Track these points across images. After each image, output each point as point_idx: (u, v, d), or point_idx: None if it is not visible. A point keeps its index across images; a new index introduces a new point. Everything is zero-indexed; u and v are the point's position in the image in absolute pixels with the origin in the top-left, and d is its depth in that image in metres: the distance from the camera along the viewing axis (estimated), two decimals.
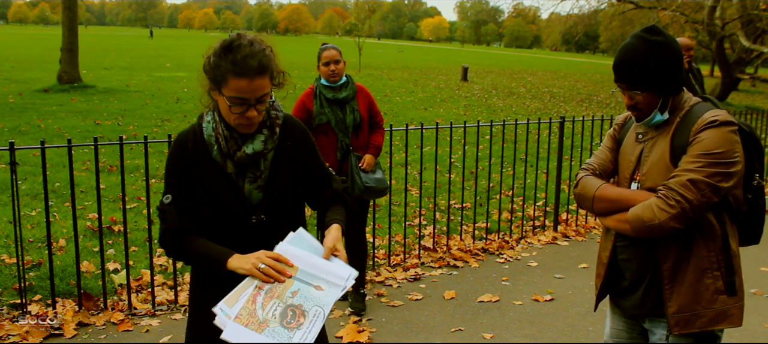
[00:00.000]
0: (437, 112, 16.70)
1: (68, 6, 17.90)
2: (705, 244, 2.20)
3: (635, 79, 2.20)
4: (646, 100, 2.22)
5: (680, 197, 2.09)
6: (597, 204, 2.34)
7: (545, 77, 35.29)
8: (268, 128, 2.08)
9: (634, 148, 2.35)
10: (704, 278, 2.20)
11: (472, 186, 7.20)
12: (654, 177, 2.22)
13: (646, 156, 2.28)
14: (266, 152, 2.06)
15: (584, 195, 2.39)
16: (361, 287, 4.52)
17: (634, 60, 2.20)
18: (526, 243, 6.03)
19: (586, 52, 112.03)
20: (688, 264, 2.21)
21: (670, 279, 2.23)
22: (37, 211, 6.34)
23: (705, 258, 2.20)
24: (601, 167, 2.45)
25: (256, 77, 1.93)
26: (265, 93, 1.97)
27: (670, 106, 2.25)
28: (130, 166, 8.28)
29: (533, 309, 4.57)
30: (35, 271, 4.75)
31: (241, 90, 1.93)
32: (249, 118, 1.98)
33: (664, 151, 2.22)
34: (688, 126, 2.18)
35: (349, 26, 41.24)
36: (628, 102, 2.26)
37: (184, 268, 4.93)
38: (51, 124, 11.87)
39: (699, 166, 2.09)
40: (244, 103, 1.95)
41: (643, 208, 2.16)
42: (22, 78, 20.32)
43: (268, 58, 1.98)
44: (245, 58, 1.93)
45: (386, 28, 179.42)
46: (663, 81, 2.20)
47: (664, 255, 2.23)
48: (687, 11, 25.01)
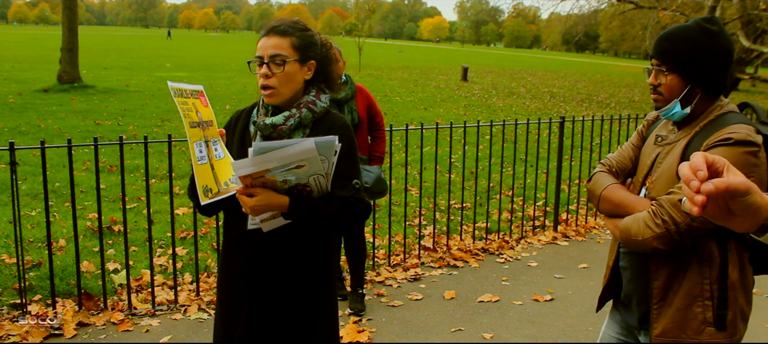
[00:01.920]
0: (437, 112, 16.70)
1: (68, 6, 17.90)
2: (699, 270, 2.02)
3: (667, 54, 2.05)
4: (671, 83, 2.06)
5: (668, 217, 1.93)
6: (602, 204, 2.23)
7: (545, 77, 35.30)
8: (297, 108, 2.11)
9: (652, 150, 2.20)
10: (693, 305, 2.03)
11: (472, 186, 7.21)
12: (660, 187, 2.06)
13: (660, 161, 2.12)
14: (285, 128, 2.08)
15: (593, 191, 2.28)
16: (360, 287, 4.51)
17: (676, 36, 2.05)
18: (526, 243, 6.03)
19: (586, 52, 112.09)
20: (680, 288, 2.05)
21: (659, 299, 2.09)
22: (37, 211, 6.34)
23: (697, 284, 2.03)
24: (620, 165, 2.32)
25: (273, 36, 2.07)
26: (278, 53, 2.06)
27: (695, 103, 2.06)
28: (130, 166, 8.28)
29: (533, 309, 4.57)
30: (35, 271, 4.75)
31: (259, 47, 2.09)
32: (263, 76, 2.06)
33: (675, 159, 2.04)
34: (706, 136, 1.99)
35: (349, 26, 41.21)
36: (651, 81, 2.11)
37: (183, 268, 4.93)
38: (51, 124, 11.87)
39: None
40: (260, 61, 2.07)
41: (633, 220, 2.03)
42: (22, 78, 20.32)
43: (295, 29, 2.10)
44: (271, 23, 2.13)
45: (386, 28, 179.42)
46: (695, 68, 2.02)
47: (656, 272, 2.09)
48: (687, 11, 25.01)
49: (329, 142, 1.85)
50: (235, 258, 2.20)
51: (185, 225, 6.06)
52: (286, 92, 2.09)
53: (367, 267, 5.07)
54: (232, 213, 2.19)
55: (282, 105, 2.12)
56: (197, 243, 4.54)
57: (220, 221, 4.42)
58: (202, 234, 5.71)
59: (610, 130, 7.23)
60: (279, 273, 2.14)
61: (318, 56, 2.17)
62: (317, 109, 2.13)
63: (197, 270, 4.54)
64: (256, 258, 2.14)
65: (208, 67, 29.19)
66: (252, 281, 2.15)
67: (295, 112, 2.10)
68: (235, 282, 2.21)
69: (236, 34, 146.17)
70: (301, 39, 2.11)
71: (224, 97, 17.27)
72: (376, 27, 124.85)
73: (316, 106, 2.13)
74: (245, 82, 22.00)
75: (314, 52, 2.15)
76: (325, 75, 2.22)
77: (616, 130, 7.33)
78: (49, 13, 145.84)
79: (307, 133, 2.12)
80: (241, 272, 2.18)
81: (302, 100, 2.13)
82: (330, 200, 2.05)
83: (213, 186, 2.01)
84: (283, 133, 2.09)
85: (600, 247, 6.01)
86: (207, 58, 35.93)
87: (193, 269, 4.77)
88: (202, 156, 2.00)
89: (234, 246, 2.20)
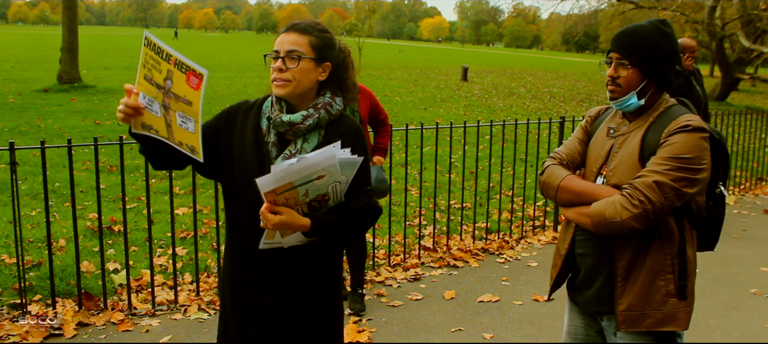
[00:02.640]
0: (437, 112, 16.70)
1: (68, 6, 17.89)
2: (662, 247, 2.21)
3: (630, 49, 2.21)
4: (630, 77, 2.22)
5: (644, 198, 2.08)
6: (561, 195, 2.33)
7: (545, 77, 35.30)
8: (314, 109, 2.11)
9: (604, 142, 2.35)
10: (657, 280, 2.21)
11: (472, 186, 7.21)
12: (620, 175, 2.22)
13: (615, 151, 2.28)
14: (302, 127, 2.08)
15: (549, 183, 2.38)
16: (360, 287, 4.52)
17: (636, 33, 2.23)
18: (526, 243, 6.03)
19: (586, 52, 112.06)
20: (643, 265, 2.22)
21: (624, 278, 2.25)
22: (37, 211, 6.34)
23: (660, 260, 2.21)
24: (569, 158, 2.44)
25: (292, 32, 2.09)
26: (295, 49, 2.07)
27: (647, 97, 2.24)
28: (130, 166, 8.27)
29: (533, 309, 4.57)
30: (35, 271, 4.75)
31: (277, 42, 2.10)
32: (277, 69, 2.06)
33: (634, 148, 2.22)
34: (661, 127, 2.19)
35: (349, 26, 41.20)
36: (611, 73, 2.25)
37: (183, 268, 4.93)
38: (51, 124, 11.87)
39: (666, 169, 2.09)
40: (276, 55, 2.08)
41: (605, 204, 2.15)
42: (22, 78, 20.33)
43: (315, 29, 2.12)
44: (294, 20, 2.15)
45: (386, 28, 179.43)
46: (654, 66, 2.21)
47: (621, 253, 2.24)
48: (687, 11, 25.02)
49: (353, 162, 1.92)
50: (244, 267, 2.19)
51: (185, 225, 6.06)
52: (297, 87, 2.08)
53: (367, 267, 5.07)
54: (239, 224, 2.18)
55: (292, 100, 2.11)
56: (197, 243, 4.54)
57: (222, 221, 4.43)
58: (202, 234, 5.71)
59: None
60: (291, 278, 2.15)
61: (334, 60, 2.16)
62: (333, 112, 2.14)
63: (197, 270, 4.54)
64: (269, 265, 2.14)
65: (208, 66, 29.04)
66: (266, 287, 2.15)
67: (313, 112, 2.10)
68: (245, 288, 2.19)
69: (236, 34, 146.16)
70: (319, 39, 2.11)
71: (224, 97, 17.27)
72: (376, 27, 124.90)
73: (332, 108, 2.14)
74: (245, 83, 22.00)
75: (331, 54, 2.15)
76: (340, 80, 2.21)
77: None
78: (49, 13, 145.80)
79: (322, 134, 2.12)
80: (252, 279, 2.17)
81: (319, 101, 2.13)
82: (346, 211, 2.09)
83: (160, 129, 1.99)
84: (299, 132, 2.09)
85: None
86: (207, 58, 35.93)
87: (193, 269, 4.77)
88: (151, 108, 1.97)
89: (244, 254, 2.18)
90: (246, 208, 2.12)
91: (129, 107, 1.96)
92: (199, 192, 5.20)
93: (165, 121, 1.98)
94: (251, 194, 2.03)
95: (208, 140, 2.11)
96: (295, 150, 2.09)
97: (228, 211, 2.24)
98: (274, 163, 2.07)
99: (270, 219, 1.93)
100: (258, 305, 2.16)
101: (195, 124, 1.93)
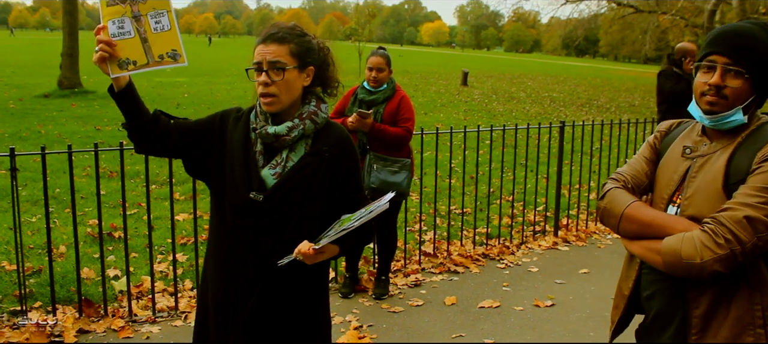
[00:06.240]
0: (437, 116, 16.70)
1: (69, 11, 17.91)
2: (749, 295, 1.81)
3: (745, 54, 1.82)
4: (740, 88, 1.83)
5: (731, 236, 1.71)
6: (625, 225, 1.97)
7: (545, 81, 35.31)
8: (300, 119, 2.11)
9: (678, 163, 1.98)
10: (744, 334, 1.82)
11: (473, 192, 7.19)
12: (699, 204, 1.86)
13: (692, 176, 1.92)
14: (288, 139, 2.08)
15: (611, 211, 2.01)
16: (384, 275, 4.80)
17: (748, 34, 1.85)
18: (527, 248, 6.03)
19: (586, 56, 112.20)
20: (727, 316, 1.83)
21: (701, 329, 1.87)
22: (38, 217, 6.34)
23: (747, 311, 1.81)
24: (635, 180, 2.08)
25: (271, 43, 2.06)
26: (277, 60, 2.05)
27: (750, 112, 1.89)
28: (131, 172, 8.27)
29: (534, 314, 4.57)
30: (35, 278, 4.75)
31: (257, 54, 2.08)
32: (263, 85, 2.05)
33: (718, 174, 1.85)
34: (753, 149, 1.82)
35: (349, 31, 41.27)
36: (716, 82, 1.85)
37: (184, 275, 4.93)
38: (51, 129, 11.87)
39: (760, 202, 1.71)
40: (259, 68, 2.06)
41: (682, 241, 1.78)
42: (22, 83, 20.34)
43: (293, 35, 2.10)
44: (269, 28, 2.12)
45: (386, 32, 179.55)
46: (766, 76, 1.85)
47: (697, 299, 1.87)
48: (687, 15, 25.07)
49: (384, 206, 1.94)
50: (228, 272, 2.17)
51: (186, 231, 6.05)
52: (286, 100, 2.09)
53: (363, 271, 5.09)
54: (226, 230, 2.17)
55: (280, 112, 2.11)
56: (198, 250, 4.53)
57: None
58: (202, 240, 5.70)
59: (611, 134, 7.23)
60: (276, 284, 2.14)
61: (316, 62, 2.17)
62: (319, 121, 2.14)
63: (198, 276, 4.53)
64: (254, 271, 2.13)
65: (209, 72, 29.20)
66: (249, 292, 2.13)
67: (299, 122, 2.10)
68: (228, 292, 2.18)
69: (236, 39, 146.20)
70: (299, 45, 2.10)
71: (225, 102, 17.29)
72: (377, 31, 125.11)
73: (318, 116, 2.14)
74: (246, 88, 22.00)
75: (312, 57, 2.15)
76: (323, 80, 2.23)
77: (617, 134, 7.33)
78: (49, 18, 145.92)
79: (309, 143, 2.13)
80: (237, 284, 2.16)
81: (304, 110, 2.13)
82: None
83: (139, 58, 2.00)
84: (285, 143, 2.09)
85: (601, 252, 6.00)
86: (208, 63, 35.95)
87: (193, 275, 4.76)
88: (123, 32, 1.97)
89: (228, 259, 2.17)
90: (234, 215, 2.12)
91: (101, 42, 1.97)
92: (199, 198, 5.20)
93: (140, 37, 1.98)
94: (238, 201, 2.07)
95: (200, 134, 2.15)
96: (281, 159, 2.10)
97: (215, 216, 2.23)
98: (262, 171, 2.09)
99: (317, 258, 2.00)
100: (241, 310, 2.15)
101: (169, 15, 1.96)
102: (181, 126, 2.17)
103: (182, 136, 2.16)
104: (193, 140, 2.16)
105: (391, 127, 4.49)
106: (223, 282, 2.19)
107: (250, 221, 2.09)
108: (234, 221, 2.12)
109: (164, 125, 2.13)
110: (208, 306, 2.25)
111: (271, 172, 2.09)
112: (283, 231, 2.08)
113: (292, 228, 2.08)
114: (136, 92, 2.07)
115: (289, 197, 2.08)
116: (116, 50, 1.98)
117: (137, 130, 2.11)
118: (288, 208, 2.08)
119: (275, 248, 2.07)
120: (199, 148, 2.16)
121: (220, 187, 2.16)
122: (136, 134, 2.12)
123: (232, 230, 2.14)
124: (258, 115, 2.14)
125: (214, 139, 2.17)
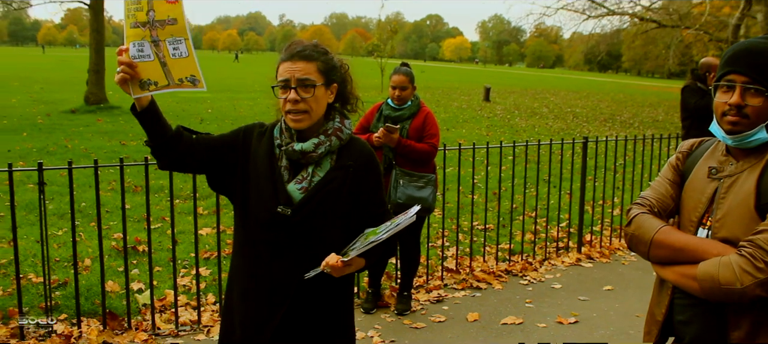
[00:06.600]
0: (460, 132, 16.68)
1: (96, 28, 18.24)
2: None
3: (764, 73, 1.79)
4: (762, 106, 1.80)
5: None
6: (656, 251, 1.92)
7: (568, 97, 35.13)
8: (325, 135, 2.13)
9: (704, 185, 1.94)
10: None
11: (495, 207, 7.16)
12: (731, 227, 1.81)
13: (721, 197, 1.87)
14: (315, 155, 2.10)
15: (639, 237, 1.96)
16: (406, 291, 4.79)
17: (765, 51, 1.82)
18: (550, 264, 5.97)
19: (609, 71, 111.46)
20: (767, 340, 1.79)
21: None
22: (64, 231, 6.43)
23: None
24: (661, 204, 2.03)
25: (298, 60, 2.08)
26: (307, 77, 2.07)
27: None
28: (155, 187, 8.36)
29: (557, 331, 4.52)
30: (61, 290, 4.80)
31: (284, 71, 2.08)
32: (292, 102, 2.06)
33: (748, 194, 1.81)
34: None
35: (371, 47, 41.45)
36: (736, 101, 1.82)
37: (207, 289, 4.95)
38: (78, 144, 12.06)
39: None
40: (286, 85, 2.07)
41: (719, 266, 1.74)
42: (50, 99, 20.70)
43: (319, 53, 2.12)
44: (293, 45, 2.14)
45: (408, 48, 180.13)
46: None
47: (736, 322, 1.82)
48: (710, 30, 24.80)
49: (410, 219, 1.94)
50: (256, 286, 2.18)
51: (209, 245, 6.09)
52: (314, 117, 2.11)
53: (385, 287, 5.07)
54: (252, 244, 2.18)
55: (306, 129, 2.13)
56: (221, 264, 4.56)
57: None
58: (225, 254, 5.74)
59: (634, 150, 7.17)
60: (303, 298, 2.14)
61: (339, 79, 2.19)
62: (343, 136, 2.17)
63: (220, 290, 4.55)
64: (282, 284, 2.14)
65: (232, 88, 29.49)
66: (278, 305, 2.14)
67: (325, 139, 2.12)
68: (255, 307, 2.19)
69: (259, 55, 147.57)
70: (325, 63, 2.13)
71: (248, 118, 17.42)
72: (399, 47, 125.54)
73: (343, 133, 2.17)
74: (268, 104, 22.13)
75: (336, 75, 2.18)
76: (344, 96, 2.25)
77: (641, 150, 7.27)
78: (77, 35, 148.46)
79: (334, 158, 2.14)
80: (264, 298, 2.16)
81: (329, 126, 2.15)
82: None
83: (160, 79, 2.03)
84: (312, 159, 2.11)
85: (625, 269, 5.93)
86: (230, 79, 36.31)
87: (216, 290, 4.78)
88: (143, 55, 2.01)
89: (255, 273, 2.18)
90: (261, 230, 2.14)
91: (122, 64, 2.01)
92: (222, 212, 5.23)
93: (159, 61, 2.02)
94: (266, 215, 2.09)
95: (224, 149, 2.17)
96: (307, 175, 2.12)
97: (240, 231, 2.24)
98: (288, 186, 2.10)
99: (344, 271, 2.00)
100: (269, 322, 2.15)
101: (186, 43, 1.99)
102: (204, 141, 2.19)
103: (206, 151, 2.18)
104: (216, 155, 2.18)
105: (417, 142, 4.50)
106: (250, 295, 2.20)
107: (277, 235, 2.11)
108: (260, 235, 2.14)
109: (187, 141, 2.15)
110: (234, 321, 2.25)
111: (298, 187, 2.10)
112: (310, 245, 2.09)
113: (318, 242, 2.09)
114: (158, 111, 2.09)
115: (317, 211, 2.09)
116: (137, 71, 2.02)
117: (160, 147, 2.12)
118: (315, 222, 2.10)
119: (302, 261, 2.08)
120: (223, 163, 2.18)
121: (244, 202, 2.17)
122: (159, 151, 2.14)
123: (259, 244, 2.15)
124: (283, 132, 2.16)
125: (237, 154, 2.19)
